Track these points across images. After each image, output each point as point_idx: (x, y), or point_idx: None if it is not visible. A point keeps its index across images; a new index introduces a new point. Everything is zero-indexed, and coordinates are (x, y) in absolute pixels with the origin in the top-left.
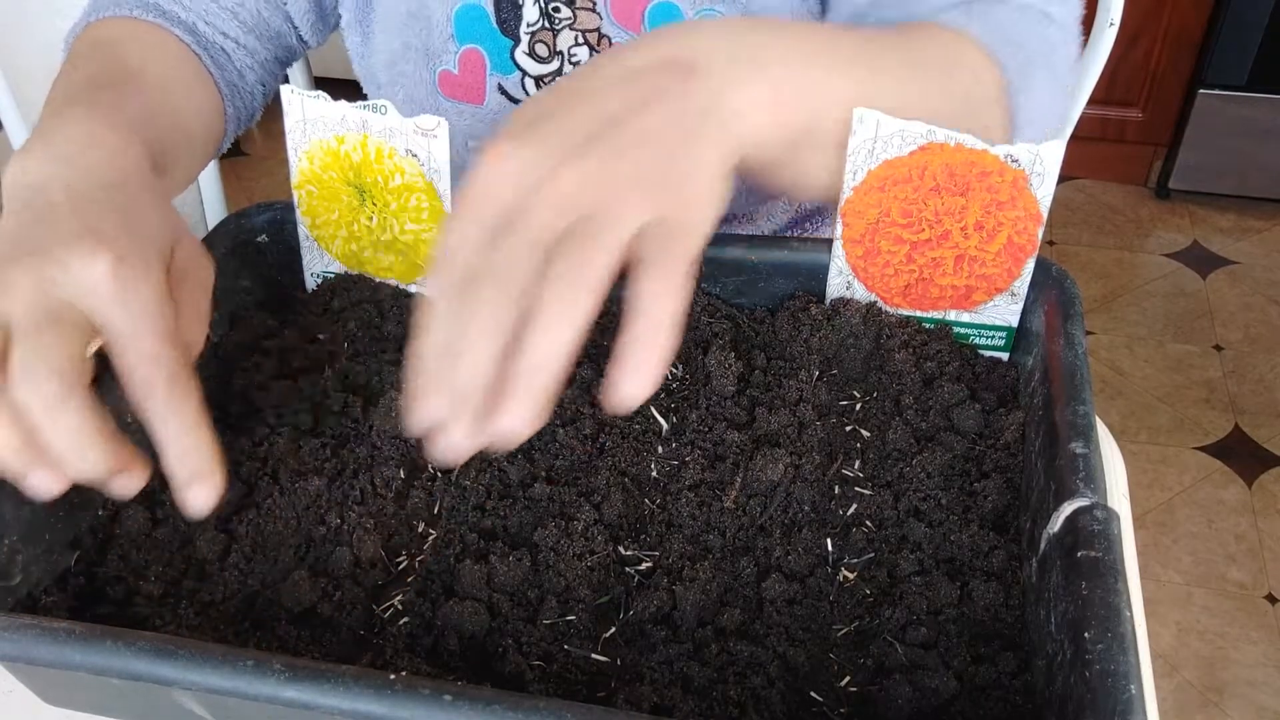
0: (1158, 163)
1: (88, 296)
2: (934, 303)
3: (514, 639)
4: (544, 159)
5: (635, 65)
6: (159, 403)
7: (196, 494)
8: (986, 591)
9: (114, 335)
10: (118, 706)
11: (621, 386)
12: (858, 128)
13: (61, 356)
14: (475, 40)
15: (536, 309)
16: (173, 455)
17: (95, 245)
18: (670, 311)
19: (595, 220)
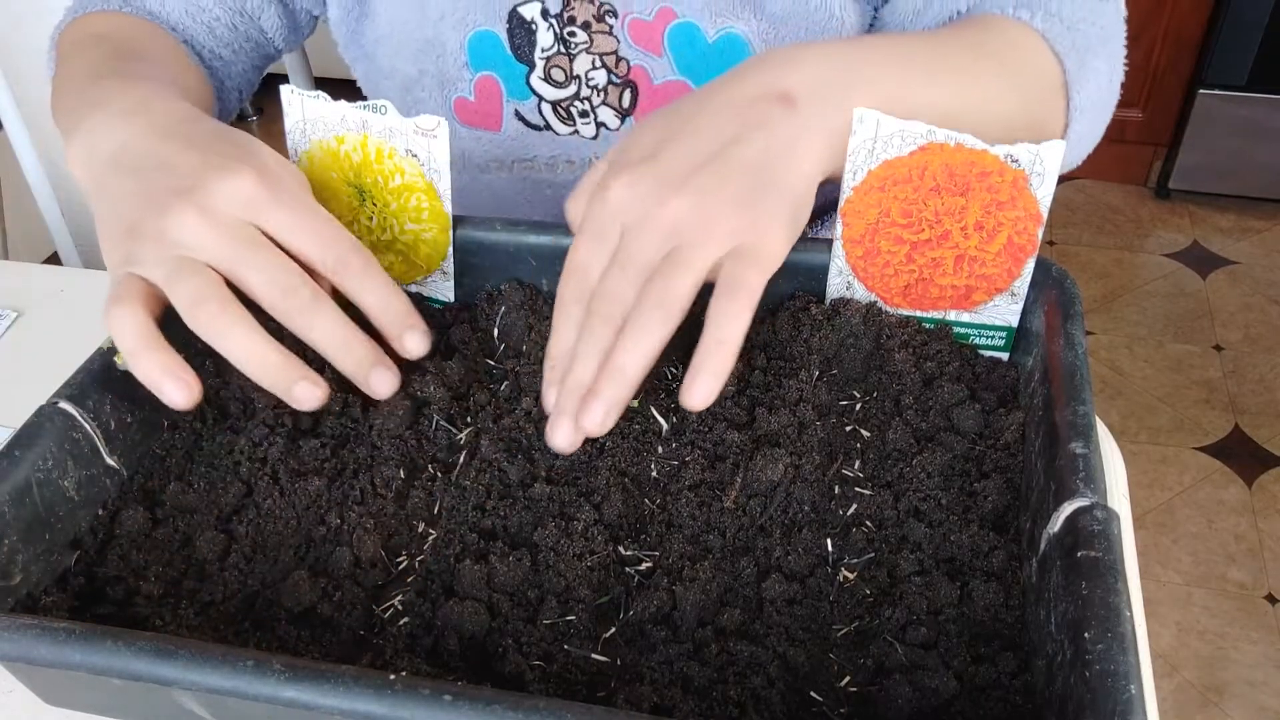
0: (1158, 163)
1: (252, 209)
2: (934, 303)
3: (514, 639)
4: (653, 194)
5: (740, 98)
6: (355, 274)
7: (411, 339)
8: (986, 591)
9: (288, 232)
10: (118, 706)
11: (694, 386)
12: (858, 128)
13: (291, 265)
14: (490, 67)
15: (627, 324)
16: (381, 314)
17: (227, 166)
18: (739, 331)
19: (684, 252)
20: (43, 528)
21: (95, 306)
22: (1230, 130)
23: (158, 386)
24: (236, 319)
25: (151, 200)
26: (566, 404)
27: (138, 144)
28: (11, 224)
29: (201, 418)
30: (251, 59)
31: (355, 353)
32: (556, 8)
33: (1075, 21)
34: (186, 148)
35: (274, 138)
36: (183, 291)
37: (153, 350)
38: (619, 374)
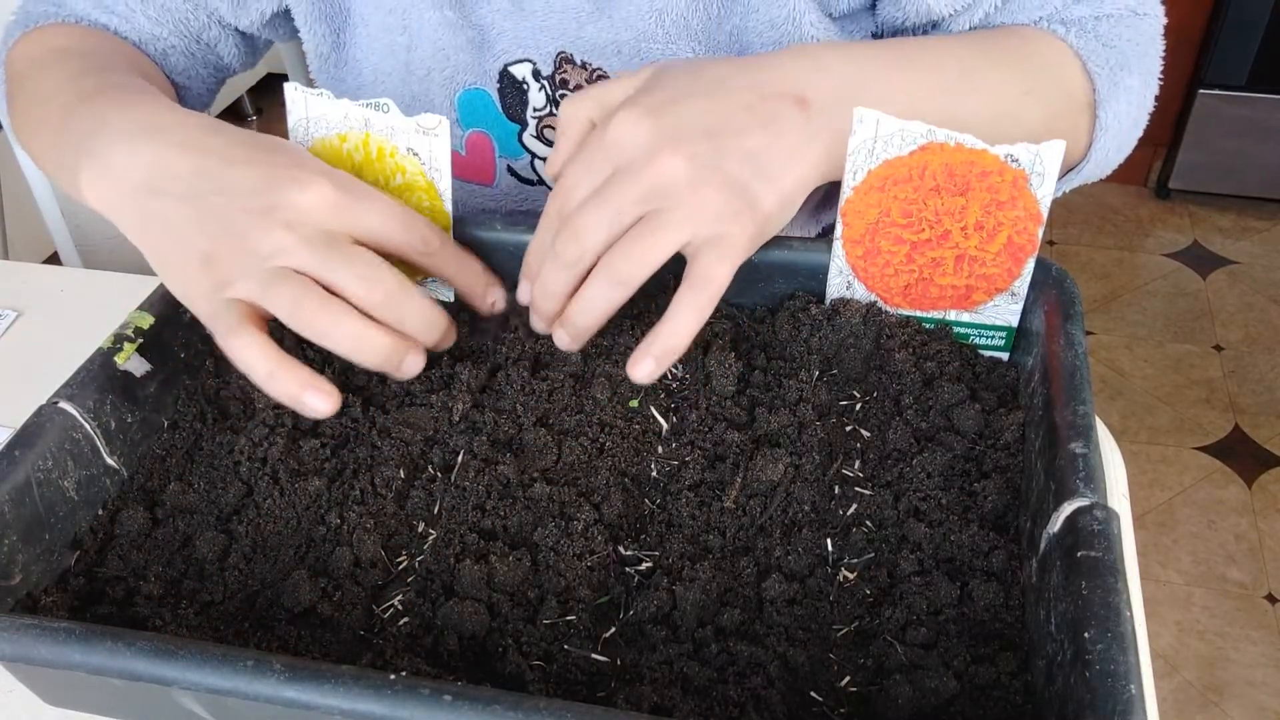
0: (1158, 163)
1: (335, 216)
2: (934, 303)
3: (514, 639)
4: (653, 142)
5: (759, 89)
6: (437, 248)
7: (494, 293)
8: (986, 591)
9: (373, 230)
10: (118, 706)
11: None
12: (858, 128)
13: (376, 259)
14: (481, 125)
15: (592, 275)
16: (463, 279)
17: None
18: (697, 322)
19: (666, 216)
20: (43, 528)
21: (95, 306)
22: (1230, 130)
23: (298, 401)
24: (339, 313)
25: (225, 224)
26: (540, 306)
27: (172, 165)
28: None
29: (201, 418)
30: (207, 83)
31: (439, 328)
32: (548, 70)
33: (1112, 39)
34: (232, 163)
35: None
36: (282, 300)
37: (289, 368)
38: (580, 316)
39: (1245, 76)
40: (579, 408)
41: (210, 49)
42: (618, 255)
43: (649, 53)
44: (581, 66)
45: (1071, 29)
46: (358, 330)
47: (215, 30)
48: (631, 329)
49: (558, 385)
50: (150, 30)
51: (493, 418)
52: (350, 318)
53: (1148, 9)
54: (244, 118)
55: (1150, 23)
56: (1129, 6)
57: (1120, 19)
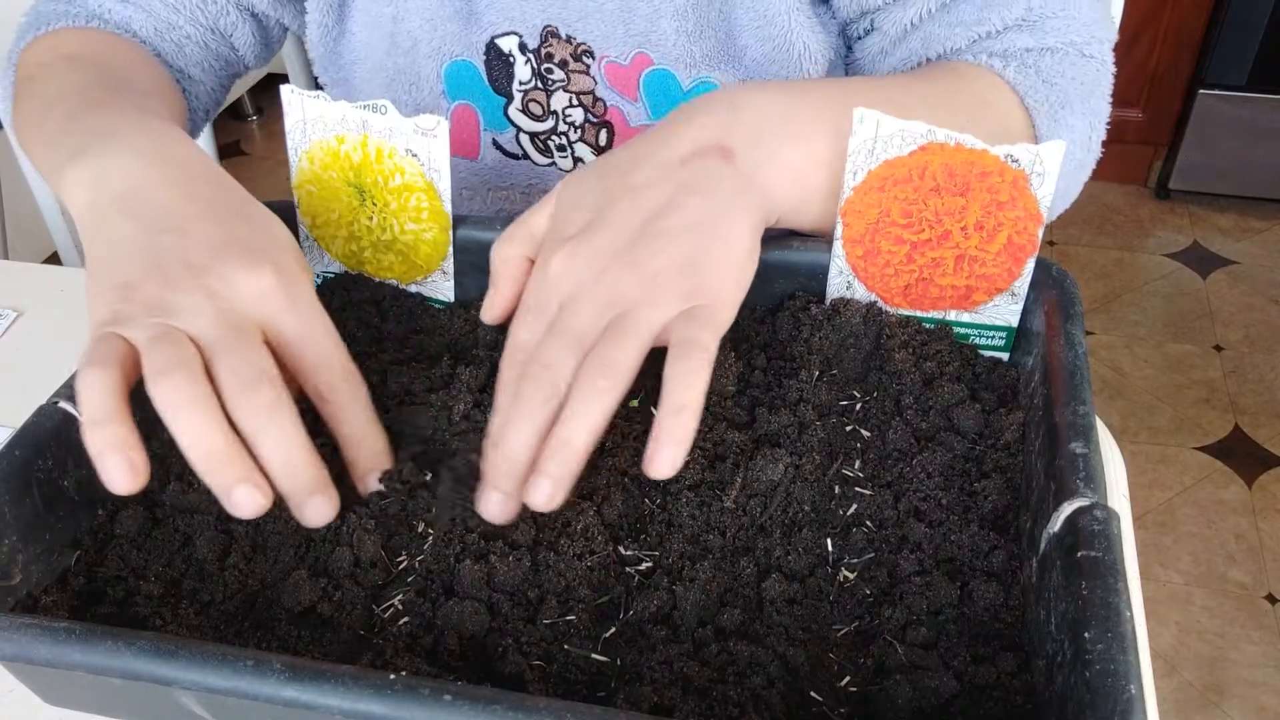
0: (1158, 163)
1: (262, 307)
2: (934, 303)
3: (514, 639)
4: (591, 265)
5: (677, 154)
6: (341, 399)
7: (374, 480)
8: (986, 591)
9: (290, 342)
10: (118, 706)
11: (657, 458)
12: (858, 128)
13: (270, 366)
14: (467, 97)
15: (571, 396)
16: (355, 447)
17: (251, 258)
18: (698, 392)
19: (629, 318)
20: (43, 528)
21: None
22: (1230, 130)
23: (102, 460)
24: (195, 396)
25: (158, 266)
26: (497, 479)
27: (152, 194)
28: (11, 224)
29: None
30: (219, 78)
31: (299, 476)
32: (534, 43)
33: (1053, 76)
34: (204, 216)
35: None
36: (157, 358)
37: (111, 423)
38: (564, 448)
39: (1245, 76)
40: None
41: (225, 38)
42: (593, 362)
43: (634, 26)
44: (566, 40)
45: (1011, 63)
46: (198, 425)
47: (232, 15)
48: None
49: None
50: (167, 18)
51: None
52: (198, 408)
53: (1094, 51)
54: (244, 118)
55: (1096, 66)
56: (1074, 44)
57: (1064, 55)
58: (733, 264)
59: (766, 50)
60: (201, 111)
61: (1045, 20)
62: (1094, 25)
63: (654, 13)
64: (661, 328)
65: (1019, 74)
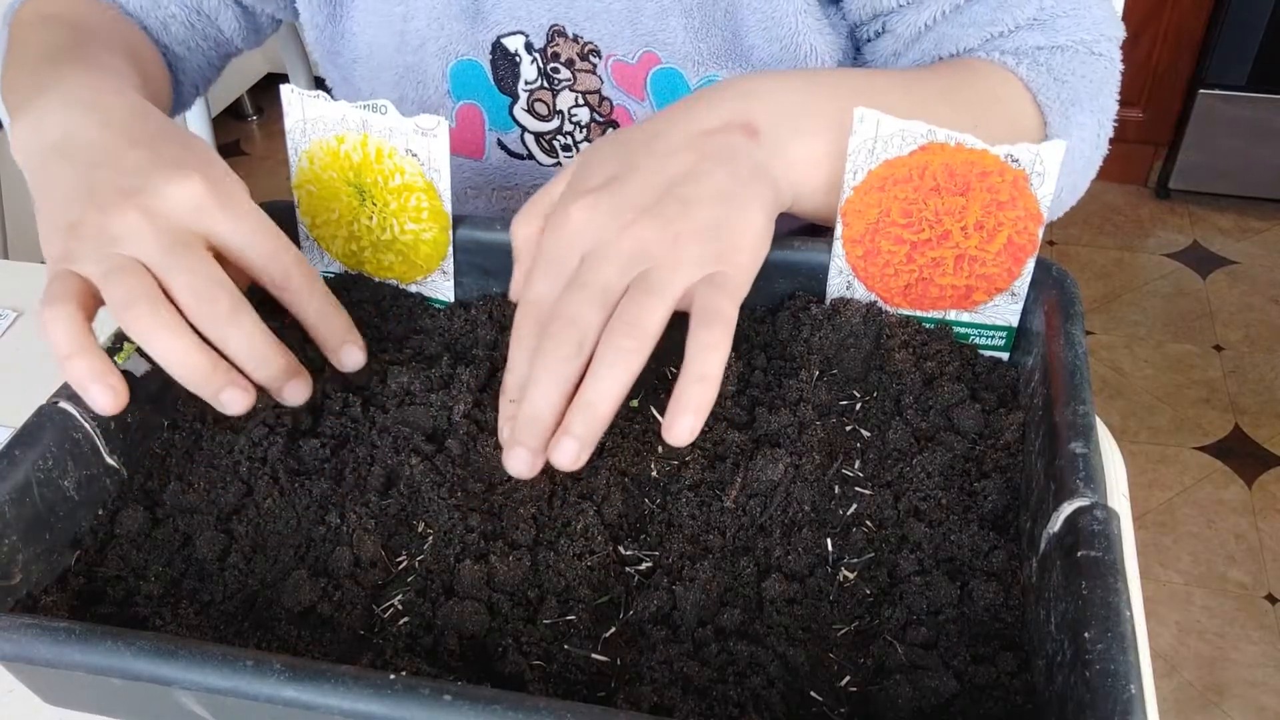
0: (1158, 163)
1: (197, 216)
2: (934, 303)
3: (514, 639)
4: (615, 217)
5: (702, 126)
6: (297, 286)
7: (349, 353)
8: (986, 591)
9: (233, 243)
10: (118, 706)
11: (677, 424)
12: (858, 127)
13: (218, 273)
14: (472, 97)
15: (597, 355)
16: (320, 327)
17: (179, 170)
18: (719, 362)
19: (653, 277)
20: (43, 528)
21: None
22: (1230, 130)
23: (85, 390)
24: (165, 322)
25: (95, 196)
26: (523, 435)
27: (85, 134)
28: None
29: (201, 418)
30: (208, 56)
31: (270, 366)
32: (540, 42)
33: (1064, 74)
34: (134, 144)
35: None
36: (116, 292)
37: (84, 354)
38: (590, 409)
39: (1245, 76)
40: None
41: (210, 21)
42: (620, 322)
43: (642, 25)
44: (574, 39)
45: (1023, 61)
46: (175, 346)
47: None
48: None
49: None
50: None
51: (493, 417)
52: (169, 330)
53: (1103, 49)
54: (244, 118)
55: (1105, 64)
56: (1084, 42)
57: (1075, 53)
58: (753, 236)
59: (774, 50)
60: (190, 85)
61: (1056, 19)
62: (1103, 24)
63: (662, 11)
64: (685, 291)
65: (1031, 71)
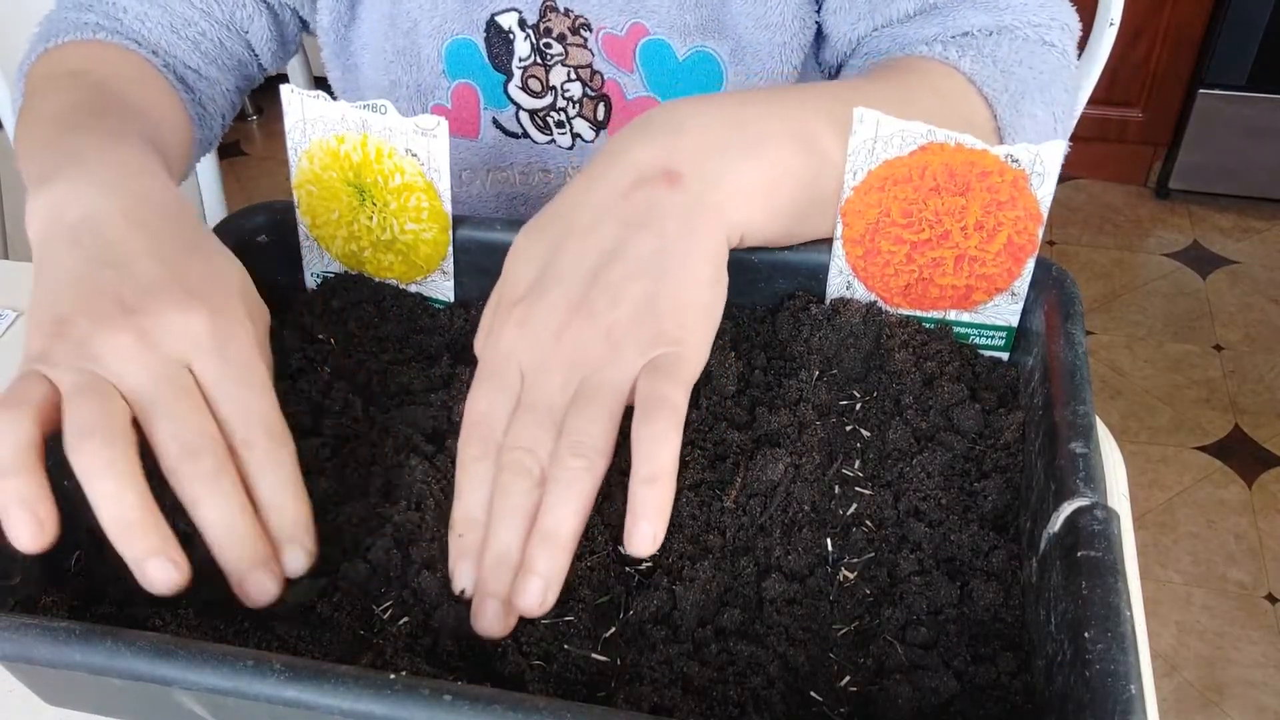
0: (1158, 163)
1: (190, 353)
2: (934, 303)
3: (514, 639)
4: (546, 327)
5: (620, 187)
6: (259, 458)
7: (290, 554)
8: (986, 591)
9: (208, 386)
10: (118, 706)
11: (635, 533)
12: (858, 128)
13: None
14: (467, 75)
15: (549, 483)
16: (269, 512)
17: (187, 298)
18: (669, 457)
19: (593, 382)
20: None
21: None
22: (1230, 130)
23: (6, 515)
24: (114, 463)
25: (92, 300)
26: (493, 583)
27: (103, 226)
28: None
29: None
30: (234, 79)
31: (239, 548)
32: (533, 18)
33: (1010, 65)
34: (151, 253)
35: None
36: (77, 413)
37: (18, 475)
38: (552, 540)
39: (1245, 76)
40: None
41: (241, 35)
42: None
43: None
44: (565, 13)
45: (967, 53)
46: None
47: (249, 7)
48: None
49: None
50: (184, 14)
51: None
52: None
53: (1055, 39)
54: (244, 118)
55: (1057, 55)
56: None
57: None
58: (695, 300)
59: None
60: (218, 114)
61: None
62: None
63: None
64: (630, 384)
65: (975, 64)
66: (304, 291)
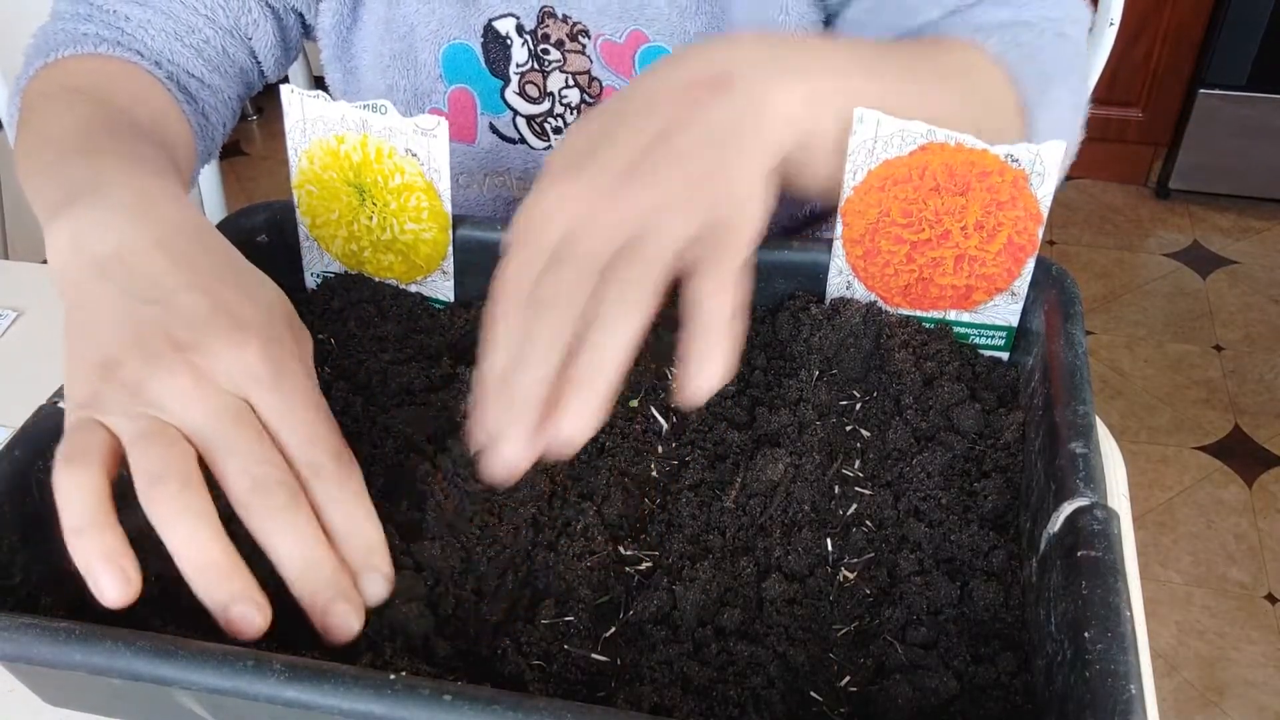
0: (1158, 163)
1: (246, 386)
2: (934, 302)
3: (514, 639)
4: (594, 188)
5: (677, 81)
6: (327, 485)
7: (370, 581)
8: (986, 591)
9: (271, 418)
10: (118, 706)
11: (690, 381)
12: (858, 127)
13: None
14: (464, 80)
15: (593, 320)
16: (345, 540)
17: (238, 331)
18: (726, 305)
19: (644, 240)
20: (43, 528)
21: None
22: (1230, 130)
23: (91, 572)
24: (190, 507)
25: (141, 340)
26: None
27: (136, 259)
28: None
29: None
30: (237, 87)
31: (317, 581)
32: (531, 24)
33: (1034, 50)
34: (192, 286)
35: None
36: (146, 462)
37: (97, 531)
38: (592, 374)
39: (1245, 76)
40: None
41: (245, 41)
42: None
43: (629, 3)
44: (563, 20)
45: (992, 36)
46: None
47: (254, 13)
48: None
49: None
50: (187, 20)
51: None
52: (193, 519)
53: (1069, 31)
54: (244, 118)
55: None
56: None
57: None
58: (745, 185)
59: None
60: (220, 123)
61: None
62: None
63: None
64: (679, 253)
65: (1000, 46)
66: (304, 291)
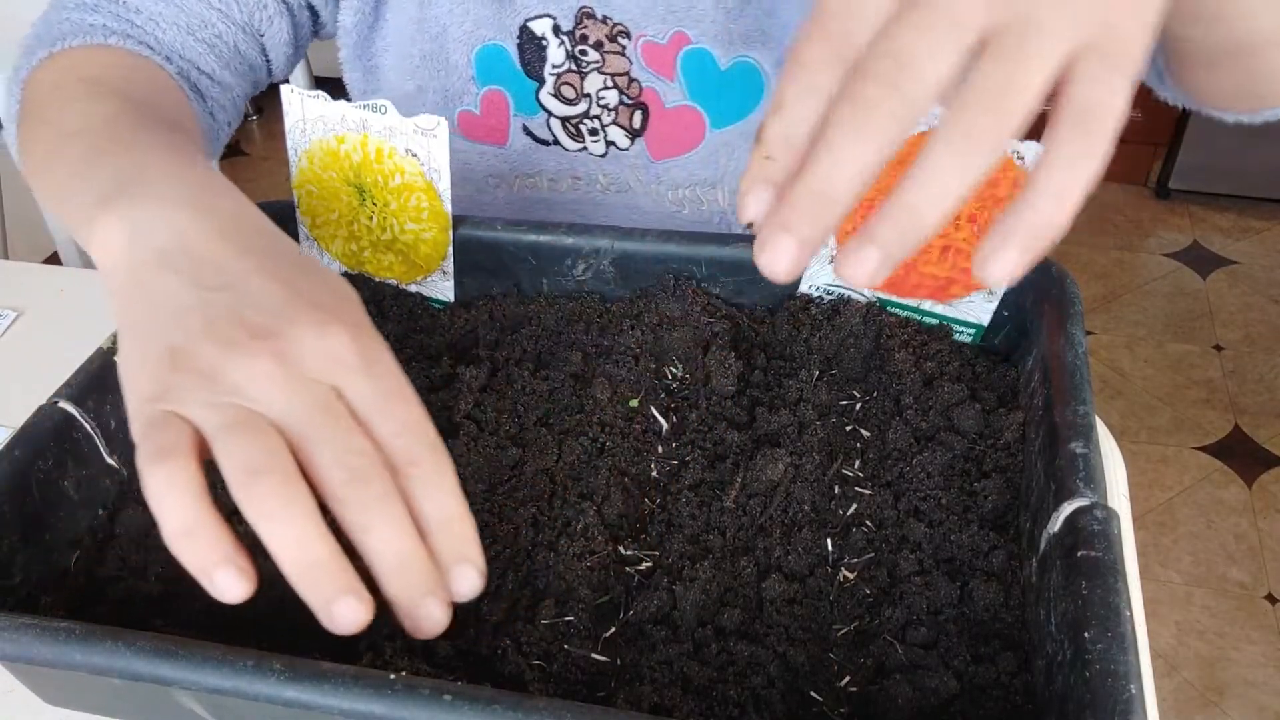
0: (1158, 163)
1: (336, 373)
2: (911, 290)
3: (514, 639)
4: None
5: None
6: (423, 472)
7: (463, 574)
8: (986, 591)
9: (362, 408)
10: (118, 706)
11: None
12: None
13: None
14: (498, 82)
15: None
16: (437, 532)
17: (321, 315)
18: (1085, 180)
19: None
20: (43, 528)
21: (95, 306)
22: (1230, 130)
23: (207, 576)
24: (295, 500)
25: (213, 327)
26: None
27: (199, 248)
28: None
29: None
30: (245, 85)
31: (412, 574)
32: (568, 25)
33: None
34: (263, 271)
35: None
36: (240, 454)
37: (206, 531)
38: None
39: None
40: (579, 407)
41: (257, 39)
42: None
43: (673, 4)
44: (603, 21)
45: None
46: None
47: (271, 7)
48: (632, 328)
49: (558, 385)
50: (201, 14)
51: (494, 417)
52: (299, 513)
53: None
54: (244, 117)
55: None
56: None
57: None
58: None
59: None
60: (225, 123)
61: None
62: None
63: None
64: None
65: None
66: None
